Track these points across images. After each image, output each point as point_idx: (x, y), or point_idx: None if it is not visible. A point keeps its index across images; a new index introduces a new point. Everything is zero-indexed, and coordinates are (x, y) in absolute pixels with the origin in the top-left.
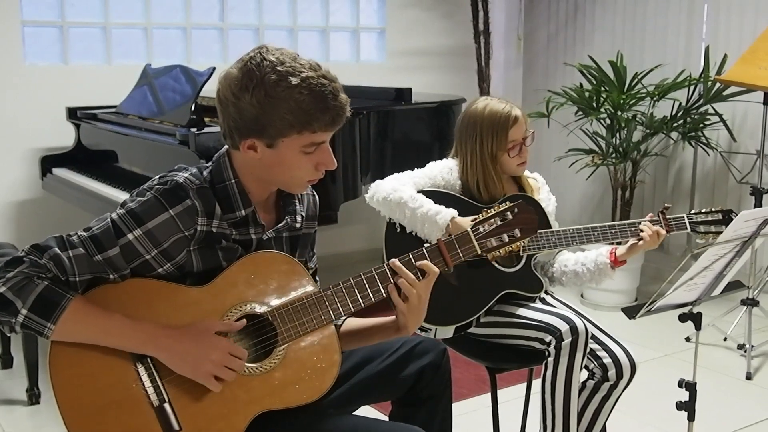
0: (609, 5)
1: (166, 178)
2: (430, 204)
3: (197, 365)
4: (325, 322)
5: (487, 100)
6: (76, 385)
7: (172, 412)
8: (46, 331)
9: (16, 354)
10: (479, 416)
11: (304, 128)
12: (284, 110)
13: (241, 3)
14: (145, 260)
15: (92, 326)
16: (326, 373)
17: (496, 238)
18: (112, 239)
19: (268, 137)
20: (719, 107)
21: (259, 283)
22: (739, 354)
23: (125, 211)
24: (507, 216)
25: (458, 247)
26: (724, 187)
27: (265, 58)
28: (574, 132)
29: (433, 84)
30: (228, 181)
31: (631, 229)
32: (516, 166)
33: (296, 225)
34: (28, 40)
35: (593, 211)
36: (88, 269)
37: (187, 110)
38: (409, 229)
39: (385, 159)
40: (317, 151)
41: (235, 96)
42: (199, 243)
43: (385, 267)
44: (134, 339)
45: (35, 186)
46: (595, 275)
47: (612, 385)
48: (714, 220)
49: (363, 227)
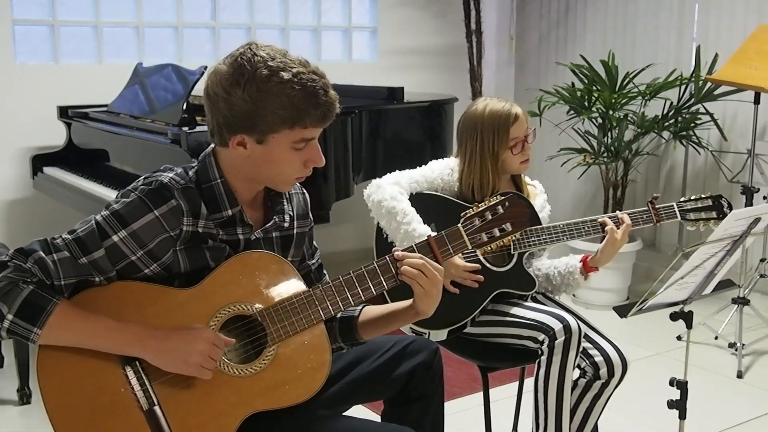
0: (600, 5)
1: (150, 178)
2: (417, 223)
3: (186, 359)
4: (314, 321)
5: (487, 100)
6: (64, 390)
7: (162, 415)
8: (32, 336)
9: (6, 354)
10: (471, 415)
11: (295, 123)
12: (276, 105)
13: (233, 2)
14: (131, 261)
15: (78, 330)
16: (317, 372)
17: (486, 232)
18: (97, 241)
19: (258, 133)
20: (710, 106)
21: (248, 283)
22: (730, 352)
23: (109, 212)
24: (498, 210)
25: (448, 243)
26: (715, 186)
27: (255, 53)
28: (565, 131)
29: (425, 83)
30: (214, 181)
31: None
32: (519, 164)
33: (284, 225)
34: (18, 39)
35: (585, 210)
36: (73, 272)
37: (179, 109)
38: (390, 239)
39: (377, 158)
40: (306, 148)
41: (226, 91)
42: (185, 243)
43: (374, 264)
44: (120, 341)
45: (26, 185)
46: (565, 278)
47: (603, 383)
48: (704, 206)
49: (355, 226)
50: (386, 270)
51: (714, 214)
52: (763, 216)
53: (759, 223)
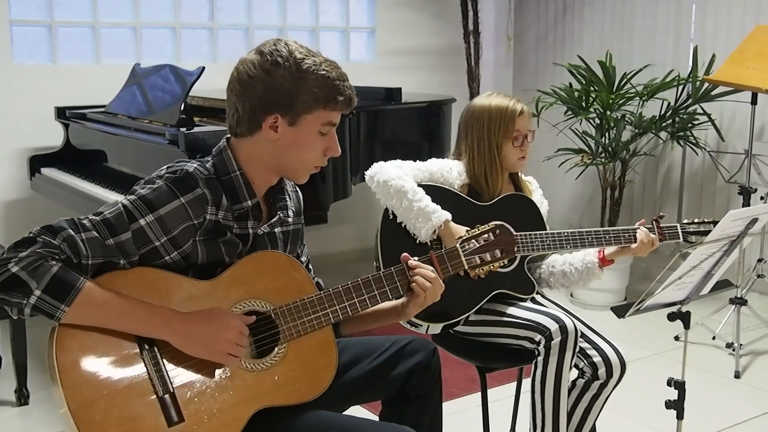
0: (598, 5)
1: (174, 167)
2: (428, 201)
3: (212, 345)
4: (324, 323)
5: (493, 93)
6: (81, 370)
7: (175, 403)
8: (58, 313)
9: (4, 355)
10: (469, 416)
11: (329, 102)
12: (313, 83)
13: (231, 3)
14: (154, 247)
15: (106, 309)
16: (325, 372)
17: (480, 255)
18: (125, 224)
19: (293, 114)
20: (708, 107)
21: (264, 281)
22: (728, 353)
23: (137, 197)
24: (490, 236)
25: (447, 262)
26: (712, 186)
27: (287, 44)
28: (563, 132)
29: (422, 84)
30: (233, 173)
31: (625, 235)
32: (516, 160)
33: (288, 220)
34: (16, 40)
35: (582, 210)
36: (101, 253)
37: (177, 110)
38: (400, 220)
39: (375, 159)
40: (328, 135)
41: (267, 71)
42: (205, 234)
43: (392, 269)
44: (148, 322)
45: (24, 186)
46: (583, 275)
47: (602, 383)
48: (706, 231)
49: (353, 227)
50: (402, 275)
51: None
52: (760, 216)
53: (756, 224)
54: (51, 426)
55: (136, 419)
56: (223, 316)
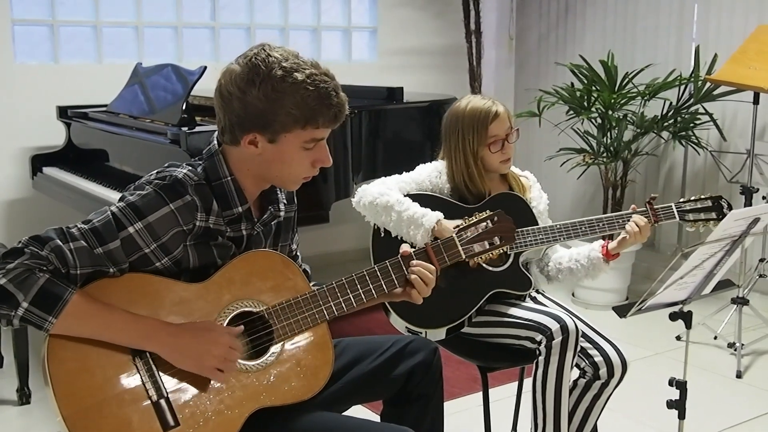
0: (600, 5)
1: (163, 173)
2: (416, 207)
3: (200, 360)
4: (319, 320)
5: (470, 97)
6: (74, 379)
7: (170, 407)
8: (46, 324)
9: (6, 354)
10: (471, 415)
11: (308, 123)
12: (290, 105)
13: (233, 2)
14: (144, 254)
15: (94, 321)
16: (320, 370)
17: (478, 244)
18: (113, 232)
19: (271, 132)
20: (709, 107)
21: (256, 281)
22: (730, 352)
23: (125, 204)
24: (488, 224)
25: (444, 252)
26: (714, 186)
27: (270, 54)
28: (565, 131)
29: (424, 83)
30: (224, 179)
31: (618, 221)
32: (499, 163)
33: (280, 213)
34: (18, 39)
35: (584, 210)
36: (89, 262)
37: (178, 109)
38: (395, 233)
39: (377, 158)
40: (315, 148)
41: (241, 90)
42: (195, 238)
43: (387, 263)
44: (136, 334)
45: (25, 185)
46: (590, 270)
47: (603, 383)
48: (704, 207)
49: (355, 226)
50: (398, 268)
51: (714, 215)
52: (762, 216)
53: (758, 223)
54: (52, 425)
55: (131, 425)
56: (212, 330)
